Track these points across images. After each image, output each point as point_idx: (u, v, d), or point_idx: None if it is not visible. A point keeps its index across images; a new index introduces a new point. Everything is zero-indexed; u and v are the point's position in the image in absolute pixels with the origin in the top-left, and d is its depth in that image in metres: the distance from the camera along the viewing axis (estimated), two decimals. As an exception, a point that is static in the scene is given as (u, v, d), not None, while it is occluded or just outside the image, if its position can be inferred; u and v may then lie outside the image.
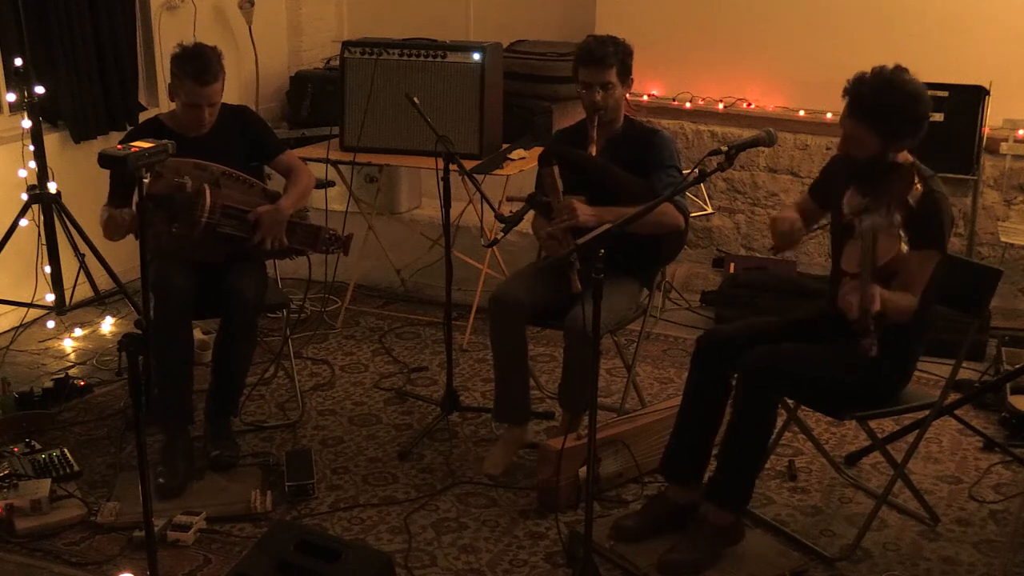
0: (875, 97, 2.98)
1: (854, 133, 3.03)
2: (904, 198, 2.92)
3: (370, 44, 4.99)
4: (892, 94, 2.97)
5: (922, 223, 2.95)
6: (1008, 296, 5.14)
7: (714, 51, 5.59)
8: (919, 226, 2.95)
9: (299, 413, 4.12)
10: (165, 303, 3.54)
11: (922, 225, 2.96)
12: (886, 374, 3.19)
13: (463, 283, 4.97)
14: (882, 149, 3.00)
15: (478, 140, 4.88)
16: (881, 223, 2.89)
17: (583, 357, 3.41)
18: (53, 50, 4.89)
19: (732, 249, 5.71)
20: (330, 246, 3.99)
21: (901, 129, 2.99)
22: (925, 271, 3.02)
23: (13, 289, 4.70)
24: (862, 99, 3.00)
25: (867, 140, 3.00)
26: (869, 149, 3.01)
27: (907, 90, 2.98)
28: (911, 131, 3.00)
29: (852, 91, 3.02)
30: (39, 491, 3.39)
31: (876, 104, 2.97)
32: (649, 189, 3.61)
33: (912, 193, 2.94)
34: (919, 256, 2.99)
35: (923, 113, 3.00)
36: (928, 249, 3.01)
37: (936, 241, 3.02)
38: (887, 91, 2.98)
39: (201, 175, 3.60)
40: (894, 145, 3.00)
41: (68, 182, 4.76)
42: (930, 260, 3.02)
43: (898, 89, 2.98)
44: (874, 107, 2.97)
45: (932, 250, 3.02)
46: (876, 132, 2.98)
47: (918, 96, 2.99)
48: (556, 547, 3.29)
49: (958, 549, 3.31)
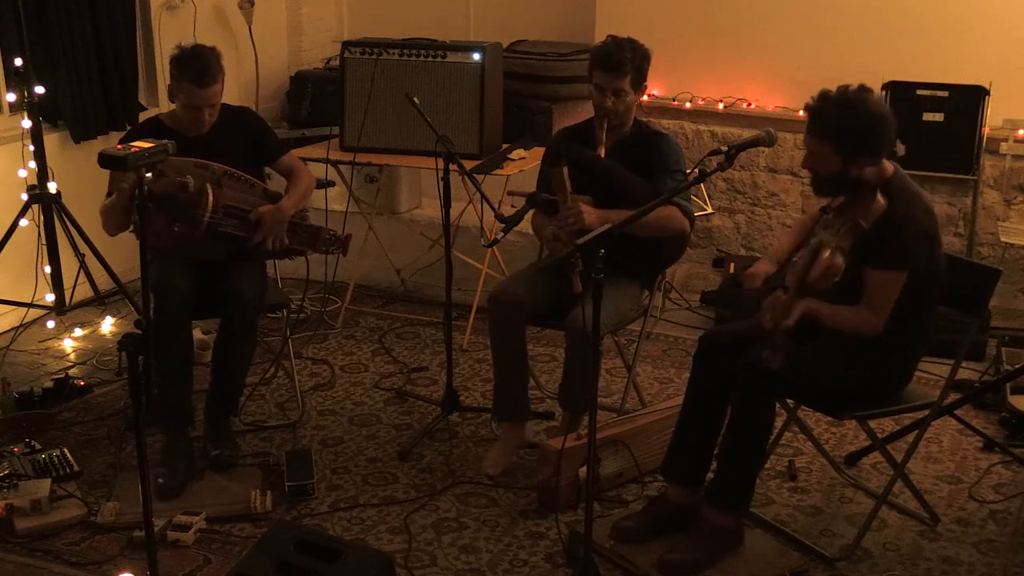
0: (835, 116, 3.00)
1: (815, 150, 3.06)
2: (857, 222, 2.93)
3: (370, 44, 4.99)
4: (852, 113, 2.98)
5: (881, 242, 2.96)
6: (1008, 296, 5.14)
7: (714, 51, 5.59)
8: (878, 245, 2.96)
9: (299, 413, 4.12)
10: (165, 303, 3.54)
11: (882, 244, 2.96)
12: (886, 374, 3.19)
13: (463, 283, 4.97)
14: (843, 167, 3.01)
15: (478, 140, 4.87)
16: (827, 240, 2.89)
17: (583, 357, 3.40)
18: (53, 50, 4.89)
19: (732, 249, 5.71)
20: (330, 246, 3.99)
21: (860, 148, 2.99)
22: (887, 290, 3.00)
23: (13, 289, 4.70)
24: (822, 117, 3.02)
25: (828, 157, 3.02)
26: (831, 166, 3.03)
27: (868, 110, 2.99)
28: (870, 151, 3.00)
29: (813, 108, 3.05)
30: (39, 491, 3.39)
31: (836, 123, 2.99)
32: (655, 193, 3.61)
33: (870, 212, 2.93)
34: (879, 274, 3.00)
35: (883, 133, 3.00)
36: (888, 269, 2.99)
37: (895, 261, 2.99)
38: (847, 110, 2.99)
39: (203, 174, 3.60)
40: (855, 162, 3.01)
41: (68, 182, 4.76)
42: (891, 280, 3.00)
43: (858, 109, 2.99)
44: (834, 126, 2.99)
45: (893, 270, 2.99)
46: (836, 150, 3.00)
47: (879, 117, 2.99)
48: (556, 547, 3.29)
49: (958, 549, 3.31)
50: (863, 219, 2.94)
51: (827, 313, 3.03)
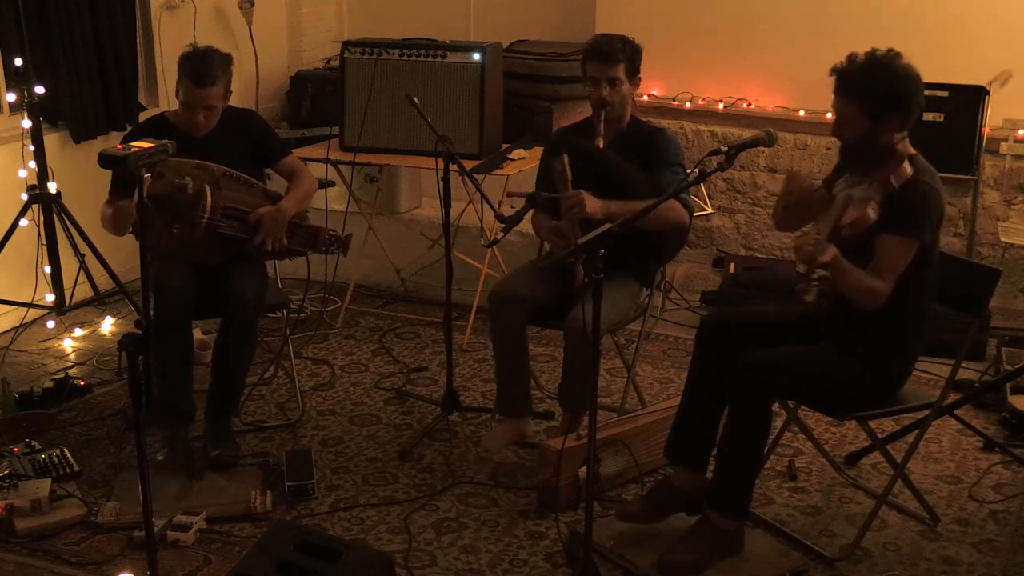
0: (862, 75, 3.00)
1: (843, 112, 3.05)
2: (887, 178, 2.93)
3: (370, 44, 4.99)
4: (879, 72, 2.99)
5: (901, 207, 2.95)
6: (1008, 296, 5.14)
7: (714, 51, 5.59)
8: (897, 209, 2.95)
9: (299, 413, 4.12)
10: (165, 303, 3.54)
11: (900, 209, 2.96)
12: (886, 374, 3.19)
13: (463, 283, 4.97)
14: (872, 129, 3.00)
15: (478, 140, 4.87)
16: (856, 193, 2.90)
17: (583, 357, 3.40)
18: (53, 50, 4.89)
19: (732, 249, 5.71)
20: (330, 247, 3.99)
21: (887, 107, 2.99)
22: (898, 256, 2.99)
23: (13, 289, 4.70)
24: (849, 76, 3.02)
25: (856, 118, 3.01)
26: (858, 129, 3.02)
27: (895, 70, 2.99)
28: (898, 108, 3.00)
29: (841, 69, 3.04)
30: (39, 491, 3.39)
31: (863, 82, 2.99)
32: (654, 184, 3.62)
33: (898, 175, 2.94)
34: (894, 240, 2.98)
35: (911, 92, 3.00)
36: (903, 235, 2.99)
37: (912, 228, 2.99)
38: (874, 70, 3.00)
39: (202, 176, 3.60)
40: (883, 125, 3.00)
41: (68, 182, 4.76)
42: (904, 247, 2.99)
43: (885, 68, 2.99)
44: (861, 84, 2.99)
45: (907, 237, 2.99)
46: (864, 110, 2.99)
47: (906, 75, 3.00)
48: (556, 547, 3.29)
49: (958, 549, 3.31)
50: (893, 178, 2.93)
51: (845, 267, 2.96)
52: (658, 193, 3.51)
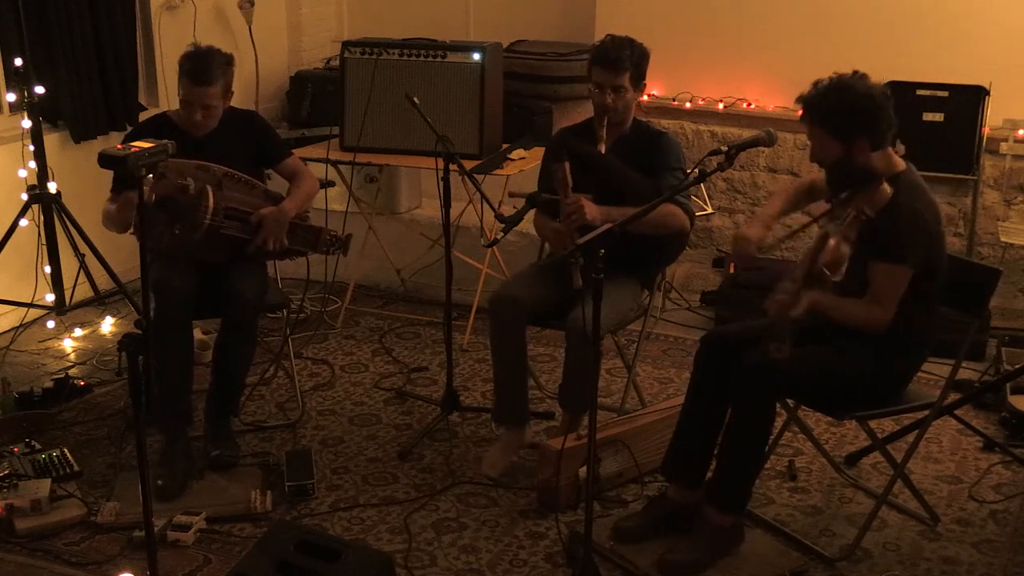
0: (822, 100, 3.04)
1: (814, 138, 3.10)
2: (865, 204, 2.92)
3: (370, 44, 4.99)
4: (838, 96, 3.03)
5: (885, 234, 2.96)
6: (1008, 296, 5.14)
7: (714, 51, 5.59)
8: (881, 238, 2.96)
9: (299, 413, 4.12)
10: (165, 303, 3.54)
11: (885, 235, 2.96)
12: (886, 374, 3.19)
13: (463, 283, 4.97)
14: (845, 151, 3.03)
15: (478, 140, 4.87)
16: (833, 228, 2.89)
17: (583, 357, 3.40)
18: (53, 50, 4.89)
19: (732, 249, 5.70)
20: (331, 247, 3.99)
21: (852, 128, 3.02)
22: (891, 283, 3.01)
23: (13, 289, 4.70)
24: (813, 103, 3.07)
25: (827, 144, 3.06)
26: (832, 153, 3.06)
27: (855, 91, 3.03)
28: (863, 130, 3.03)
29: (805, 97, 3.10)
30: (39, 491, 3.39)
31: (823, 106, 3.03)
32: (655, 189, 3.61)
33: (875, 202, 2.93)
34: (883, 268, 3.01)
35: (875, 110, 3.03)
36: (891, 263, 3.00)
37: (899, 256, 3.00)
38: (834, 93, 3.03)
39: (204, 177, 3.60)
40: (855, 146, 3.02)
41: (68, 182, 4.76)
42: (893, 273, 3.01)
43: (845, 91, 3.03)
44: (823, 110, 3.04)
45: (895, 264, 3.00)
46: (830, 134, 3.03)
47: (869, 95, 3.03)
48: (556, 547, 3.29)
49: (958, 549, 3.31)
50: (868, 207, 2.93)
51: (833, 305, 3.02)
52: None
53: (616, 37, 3.74)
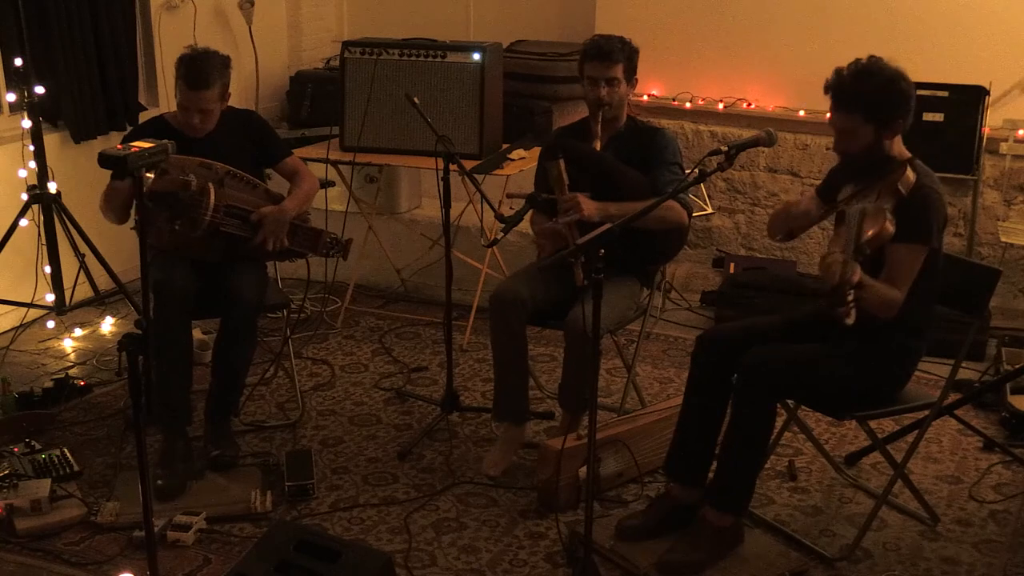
0: (856, 85, 3.01)
1: (845, 126, 3.05)
2: (895, 187, 2.93)
3: (370, 44, 4.99)
4: (871, 78, 3.01)
5: (910, 215, 2.95)
6: (1008, 296, 5.14)
7: (714, 51, 5.59)
8: (907, 217, 2.95)
9: (299, 413, 4.12)
10: (165, 303, 3.54)
11: (910, 217, 2.96)
12: (886, 374, 3.19)
13: (463, 283, 4.97)
14: (876, 138, 3.02)
15: (478, 140, 4.88)
16: (869, 207, 2.90)
17: (583, 357, 3.41)
18: (53, 50, 4.89)
19: (732, 249, 5.71)
20: (330, 250, 3.99)
21: (889, 112, 3.01)
22: (910, 265, 3.01)
23: (13, 289, 4.70)
24: (844, 89, 3.03)
25: (859, 131, 3.03)
26: (863, 140, 3.03)
27: (885, 74, 3.02)
28: (899, 110, 3.02)
29: (834, 85, 3.06)
30: (39, 491, 3.39)
31: (859, 91, 3.01)
32: (651, 185, 3.62)
33: (904, 182, 2.94)
34: (904, 249, 2.99)
35: (906, 90, 3.02)
36: (913, 243, 3.00)
37: (922, 235, 3.00)
38: (866, 77, 3.02)
39: (206, 173, 3.61)
40: (886, 131, 3.02)
41: (68, 182, 4.76)
42: (916, 254, 3.01)
43: (876, 74, 3.02)
44: (858, 94, 3.01)
45: (917, 243, 3.00)
46: (867, 119, 3.01)
47: (897, 75, 3.02)
48: (556, 547, 3.29)
49: (958, 549, 3.31)
50: (901, 185, 2.93)
51: (869, 283, 2.94)
52: (656, 194, 3.52)
53: (606, 34, 3.77)
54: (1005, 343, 4.44)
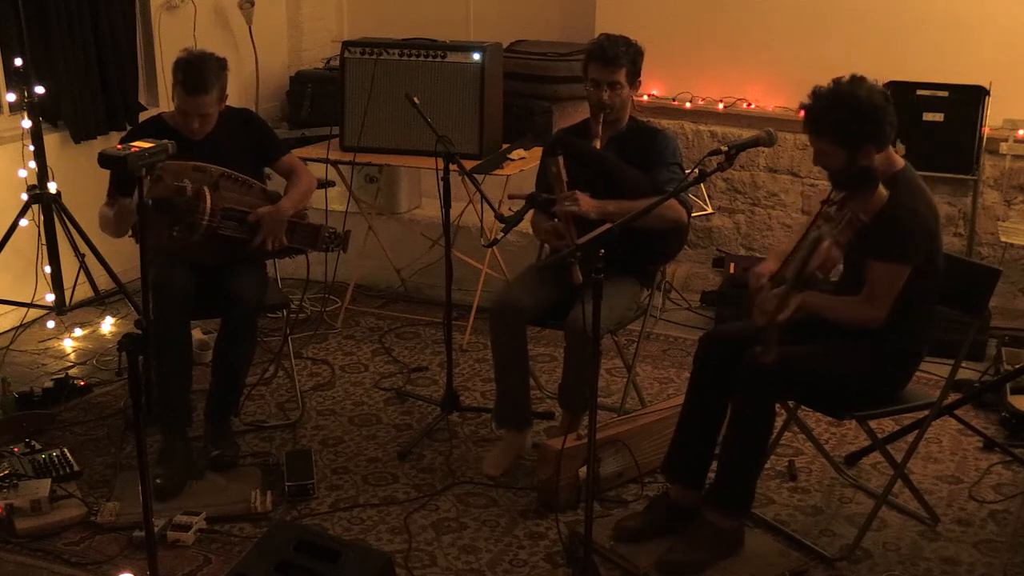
0: (827, 113, 3.02)
1: (817, 147, 3.09)
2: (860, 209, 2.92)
3: (370, 44, 4.99)
4: (842, 106, 3.00)
5: (884, 233, 2.96)
6: (1008, 296, 5.14)
7: (714, 51, 5.59)
8: (881, 235, 2.96)
9: (299, 413, 4.12)
10: (165, 303, 3.54)
11: (884, 235, 2.97)
12: (886, 374, 3.19)
13: (463, 283, 4.97)
14: (849, 158, 3.02)
15: (478, 140, 4.88)
16: (826, 233, 2.89)
17: (583, 357, 3.40)
18: (53, 50, 4.89)
19: (732, 249, 5.71)
20: (330, 244, 3.99)
21: (858, 137, 3.01)
22: (888, 282, 3.01)
23: (13, 289, 4.70)
24: (816, 114, 3.05)
25: (832, 152, 3.05)
26: (837, 161, 3.05)
27: (859, 99, 3.00)
28: (869, 137, 3.02)
29: (807, 107, 3.08)
30: (39, 491, 3.39)
31: (829, 119, 3.02)
32: (651, 184, 3.62)
33: (871, 205, 2.93)
34: (880, 266, 3.01)
35: (879, 117, 3.01)
36: (888, 261, 3.00)
37: (899, 255, 3.01)
38: (836, 103, 3.01)
39: (201, 178, 3.60)
40: (860, 152, 3.02)
41: (68, 182, 4.76)
42: (894, 272, 3.01)
43: (848, 101, 3.00)
44: (828, 122, 3.02)
45: (892, 263, 3.01)
46: (836, 144, 3.02)
47: (871, 102, 3.01)
48: (556, 547, 3.29)
49: (958, 549, 3.31)
50: (862, 212, 2.94)
51: (824, 305, 3.06)
52: (655, 192, 3.52)
53: (612, 35, 3.75)
54: (1005, 343, 4.44)
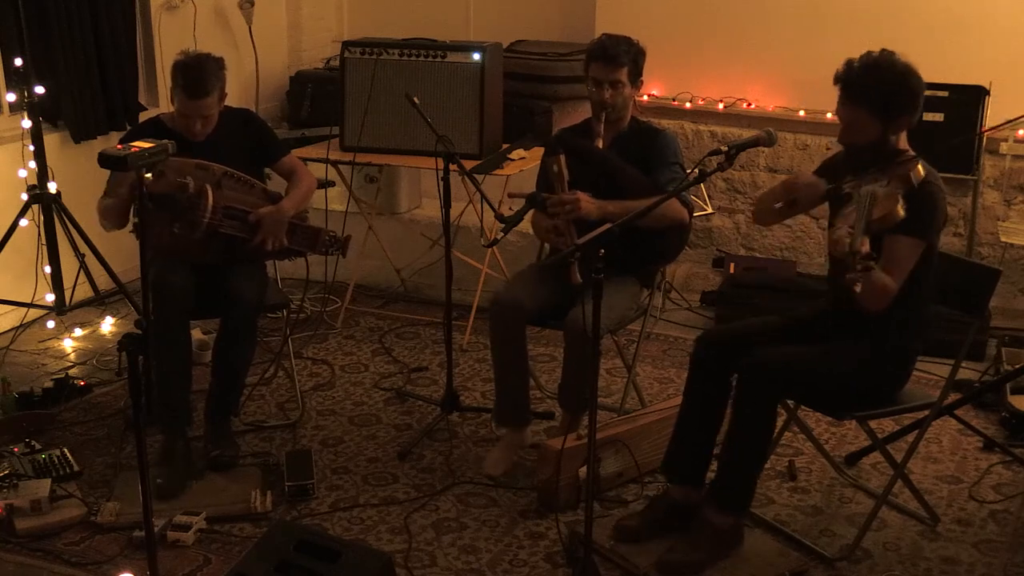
0: (865, 78, 3.00)
1: (852, 118, 3.04)
2: (908, 177, 2.92)
3: (370, 44, 4.99)
4: (881, 73, 3.00)
5: (914, 208, 2.95)
6: (1008, 296, 5.14)
7: (714, 51, 5.59)
8: (911, 210, 2.95)
9: (299, 413, 4.12)
10: (164, 303, 3.54)
11: (914, 210, 2.95)
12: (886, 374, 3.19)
13: (463, 283, 4.97)
14: (883, 131, 3.01)
15: (478, 140, 4.88)
16: (880, 190, 2.88)
17: (583, 357, 3.40)
18: (53, 50, 4.89)
19: (732, 249, 5.71)
20: (330, 248, 3.99)
21: (897, 106, 3.00)
22: (907, 257, 3.00)
23: (13, 289, 4.70)
24: (853, 82, 3.02)
25: (866, 124, 3.02)
26: (870, 133, 3.02)
27: (896, 68, 3.00)
28: (907, 108, 3.01)
29: (843, 77, 3.05)
30: (39, 491, 3.39)
31: (868, 85, 3.00)
32: (652, 184, 3.62)
33: (916, 174, 2.93)
34: (904, 240, 2.99)
35: (916, 87, 3.01)
36: (913, 235, 2.99)
37: (922, 230, 3.00)
38: (876, 71, 3.00)
39: (203, 175, 3.60)
40: (894, 124, 3.01)
41: (68, 182, 4.76)
42: (914, 247, 3.01)
43: (887, 68, 3.00)
44: (866, 88, 3.00)
45: (916, 237, 3.00)
46: (873, 113, 3.00)
47: (908, 72, 3.01)
48: (556, 547, 3.29)
49: (958, 549, 3.31)
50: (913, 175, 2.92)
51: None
52: (656, 192, 3.52)
53: (613, 35, 3.75)
54: (1005, 343, 4.44)
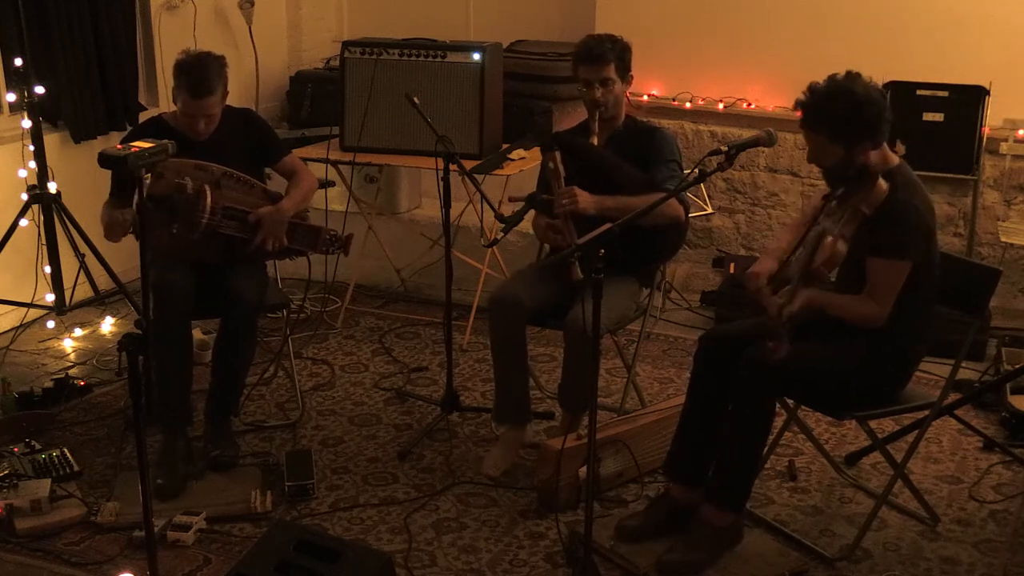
0: (825, 106, 3.02)
1: (814, 143, 3.09)
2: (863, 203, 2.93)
3: (370, 44, 4.99)
4: (838, 101, 3.00)
5: (884, 229, 2.97)
6: (1008, 296, 5.14)
7: (714, 51, 5.58)
8: (881, 232, 2.96)
9: (299, 413, 4.12)
10: (165, 303, 3.54)
11: (884, 232, 2.97)
12: (886, 374, 3.19)
13: (463, 283, 4.97)
14: (845, 155, 3.02)
15: (478, 140, 4.88)
16: (830, 228, 2.89)
17: (583, 357, 3.40)
18: (53, 50, 4.89)
19: (732, 249, 5.71)
20: (330, 247, 3.99)
21: (855, 134, 3.01)
22: (889, 279, 3.02)
23: (13, 289, 4.70)
24: (811, 110, 3.05)
25: (827, 148, 3.05)
26: (833, 157, 3.05)
27: (855, 96, 3.00)
28: (865, 134, 3.02)
29: (803, 103, 3.08)
30: (39, 491, 3.39)
31: (825, 114, 3.02)
32: (649, 181, 3.63)
33: (870, 200, 2.93)
34: (881, 262, 3.01)
35: (873, 114, 3.01)
36: (890, 257, 3.01)
37: (899, 251, 3.01)
38: (833, 99, 3.01)
39: (202, 176, 3.60)
40: (856, 149, 3.02)
41: (68, 182, 4.76)
42: (894, 269, 3.02)
43: (845, 95, 3.01)
44: (824, 115, 3.02)
45: (894, 258, 3.01)
46: (832, 139, 3.02)
47: (867, 99, 3.01)
48: (556, 547, 3.29)
49: (958, 549, 3.31)
50: (865, 205, 2.94)
51: (829, 302, 3.06)
52: (652, 188, 3.53)
53: (595, 35, 3.78)
54: (1005, 343, 4.44)
